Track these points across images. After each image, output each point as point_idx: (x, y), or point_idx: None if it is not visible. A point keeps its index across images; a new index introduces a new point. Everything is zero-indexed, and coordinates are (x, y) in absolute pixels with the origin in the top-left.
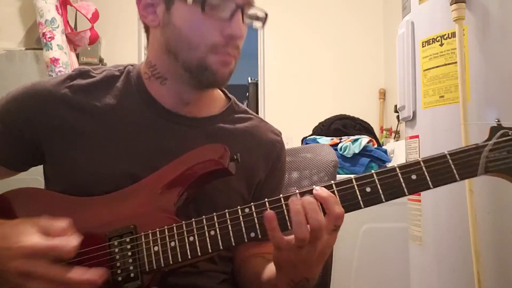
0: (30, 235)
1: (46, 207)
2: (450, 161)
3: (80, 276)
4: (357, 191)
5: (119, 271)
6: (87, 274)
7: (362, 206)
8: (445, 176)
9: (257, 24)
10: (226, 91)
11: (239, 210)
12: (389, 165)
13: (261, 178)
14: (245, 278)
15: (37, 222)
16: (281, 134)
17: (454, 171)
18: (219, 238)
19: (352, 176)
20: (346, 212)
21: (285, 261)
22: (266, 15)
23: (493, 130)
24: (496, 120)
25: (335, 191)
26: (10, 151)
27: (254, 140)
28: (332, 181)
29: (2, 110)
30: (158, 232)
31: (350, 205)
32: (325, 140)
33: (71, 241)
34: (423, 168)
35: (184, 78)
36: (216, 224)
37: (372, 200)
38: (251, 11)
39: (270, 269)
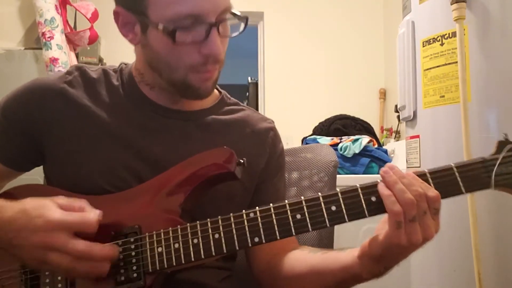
0: (51, 210)
1: None
2: (456, 174)
3: (100, 250)
4: (362, 199)
5: (122, 271)
6: (105, 249)
7: (367, 215)
8: (452, 189)
9: (240, 28)
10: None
11: (244, 214)
12: None
13: (261, 165)
14: (283, 272)
15: (56, 200)
16: (273, 122)
17: (460, 183)
18: (223, 241)
19: (357, 185)
20: (352, 219)
21: (396, 244)
22: (247, 19)
23: (501, 145)
24: (504, 135)
25: (341, 198)
26: (13, 148)
27: (248, 129)
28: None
29: (4, 107)
30: (162, 233)
31: (357, 213)
32: (325, 140)
33: (92, 216)
34: (429, 179)
35: (170, 89)
36: (221, 227)
37: (377, 209)
38: (230, 19)
39: (335, 258)
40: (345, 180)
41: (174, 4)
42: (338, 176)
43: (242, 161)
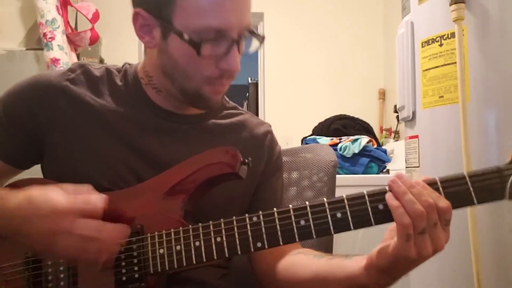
0: (57, 196)
1: None
2: (469, 183)
3: (110, 230)
4: (369, 207)
5: (123, 271)
6: (115, 230)
7: (374, 224)
8: (463, 199)
9: (254, 45)
10: None
11: (247, 218)
12: (389, 165)
13: (261, 167)
14: (286, 276)
15: (62, 186)
16: (270, 126)
17: (473, 194)
18: (225, 245)
19: (364, 192)
20: (357, 227)
21: (405, 256)
22: (263, 38)
23: None
24: None
25: (347, 205)
26: (13, 146)
27: (246, 133)
28: (365, 192)
29: (5, 102)
30: (164, 234)
31: (363, 221)
32: (325, 140)
33: (97, 198)
34: (440, 188)
35: (179, 97)
36: (223, 230)
37: (384, 218)
38: (248, 35)
39: (341, 266)
40: (344, 180)
41: (202, 17)
42: (337, 176)
43: (247, 160)
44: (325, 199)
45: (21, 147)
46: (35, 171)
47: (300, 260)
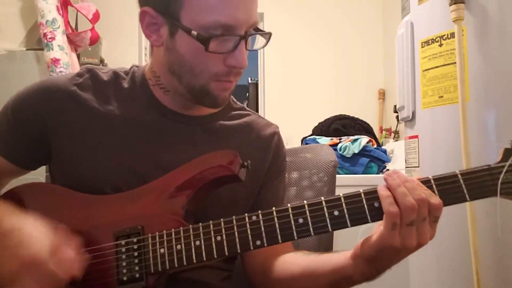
0: (42, 246)
1: (57, 203)
2: (461, 181)
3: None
4: (365, 205)
5: (124, 271)
6: None
7: (370, 221)
8: (456, 196)
9: (260, 44)
10: None
11: (246, 217)
12: (389, 165)
13: (265, 169)
14: (276, 274)
15: (54, 234)
16: (278, 128)
17: (465, 191)
18: (225, 244)
19: (360, 190)
20: (354, 224)
21: (389, 245)
22: (270, 35)
23: (507, 152)
24: (511, 142)
25: (343, 203)
26: (21, 148)
27: (253, 134)
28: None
29: (13, 106)
30: (165, 234)
31: (359, 219)
32: (324, 140)
33: (69, 271)
34: (434, 186)
35: (186, 96)
36: (223, 229)
37: (380, 215)
38: (254, 32)
39: (328, 259)
40: (344, 180)
41: (211, 13)
42: (337, 176)
43: (246, 163)
44: (322, 198)
45: (27, 149)
46: (40, 172)
47: (290, 258)
